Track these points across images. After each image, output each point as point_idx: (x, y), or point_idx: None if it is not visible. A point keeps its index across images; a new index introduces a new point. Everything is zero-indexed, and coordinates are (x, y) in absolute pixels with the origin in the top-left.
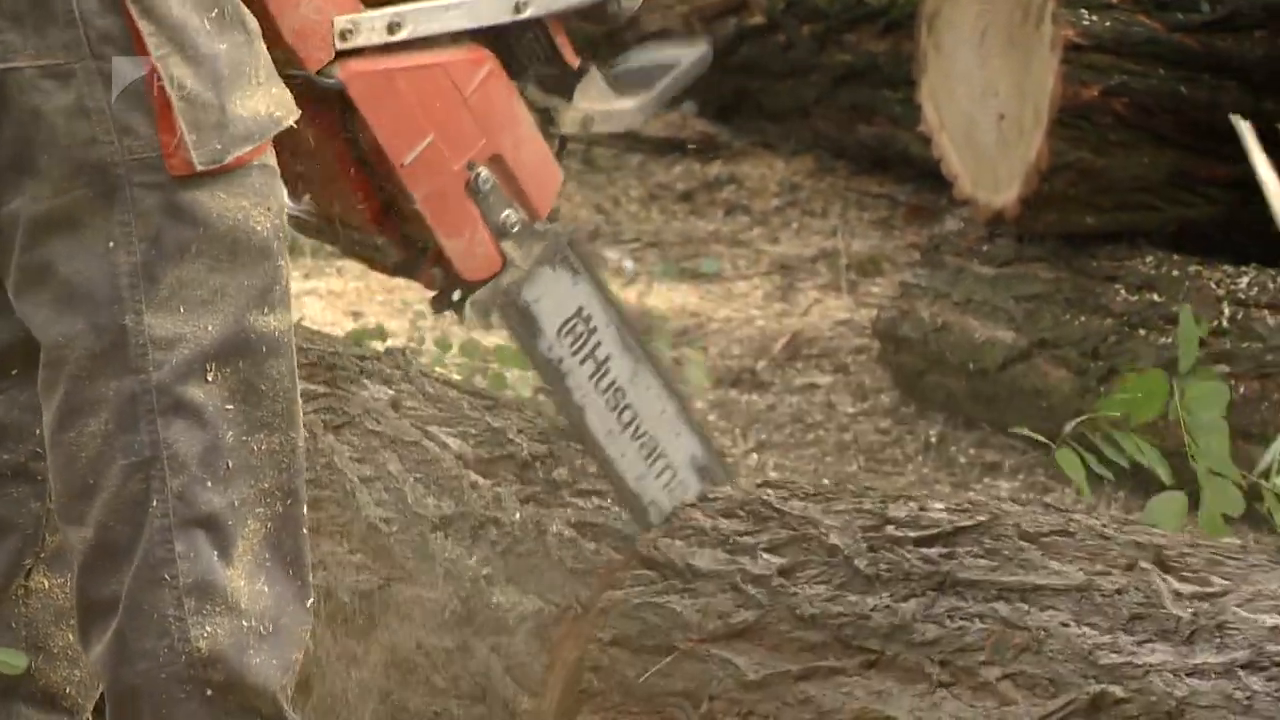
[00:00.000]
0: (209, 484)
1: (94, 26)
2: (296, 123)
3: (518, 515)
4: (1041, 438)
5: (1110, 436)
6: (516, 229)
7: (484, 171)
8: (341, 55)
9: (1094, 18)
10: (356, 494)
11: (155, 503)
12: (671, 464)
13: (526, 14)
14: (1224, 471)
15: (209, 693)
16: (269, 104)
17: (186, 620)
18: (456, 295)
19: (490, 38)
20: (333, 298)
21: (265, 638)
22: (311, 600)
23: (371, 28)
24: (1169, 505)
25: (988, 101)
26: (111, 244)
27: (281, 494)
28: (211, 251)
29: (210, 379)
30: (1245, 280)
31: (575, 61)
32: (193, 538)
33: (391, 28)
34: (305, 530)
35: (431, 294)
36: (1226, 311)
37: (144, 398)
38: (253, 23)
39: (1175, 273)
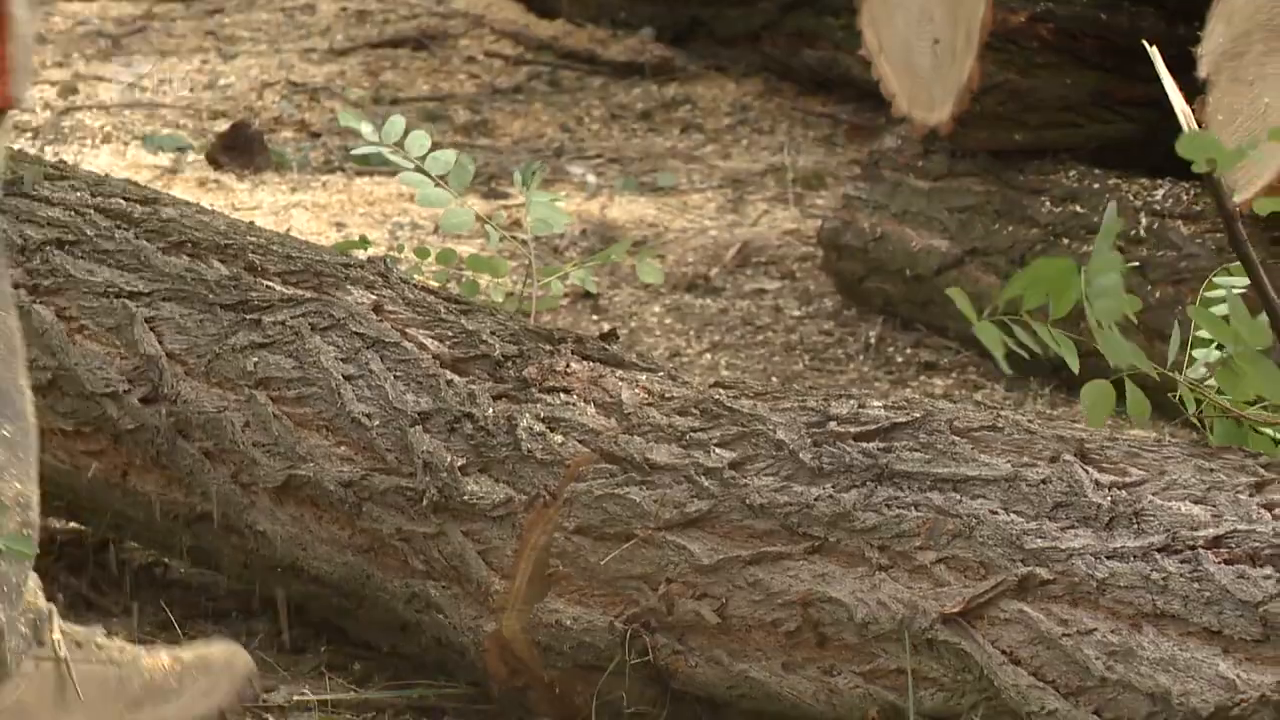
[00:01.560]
0: None
1: None
2: None
3: (490, 411)
4: (974, 316)
5: (1026, 322)
6: None
7: None
8: None
9: None
10: (341, 391)
11: None
12: None
13: None
14: (1122, 309)
15: None
16: None
17: None
18: None
19: None
20: (318, 210)
21: None
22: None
23: None
24: (1098, 393)
25: (924, 27)
26: None
27: None
28: None
29: None
30: (1161, 192)
31: None
32: None
33: None
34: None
35: None
36: (1144, 221)
37: None
38: None
39: (1096, 186)
